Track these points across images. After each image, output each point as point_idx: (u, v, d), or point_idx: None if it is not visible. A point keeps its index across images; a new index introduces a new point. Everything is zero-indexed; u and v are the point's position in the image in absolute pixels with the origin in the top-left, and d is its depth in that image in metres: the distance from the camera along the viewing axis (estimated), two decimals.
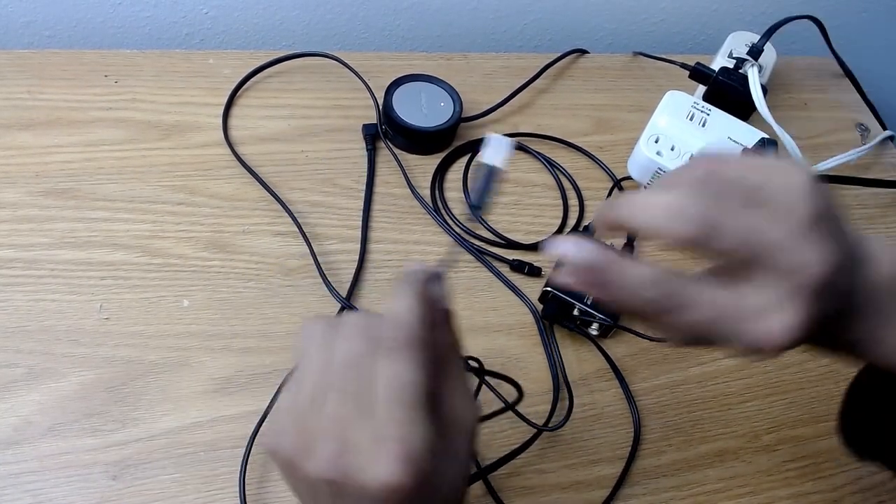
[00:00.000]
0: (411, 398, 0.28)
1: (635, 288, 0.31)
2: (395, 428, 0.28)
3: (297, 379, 0.31)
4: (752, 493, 0.54)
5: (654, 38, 0.90)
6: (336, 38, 0.82)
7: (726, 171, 0.32)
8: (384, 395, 0.28)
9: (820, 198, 0.31)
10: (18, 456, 0.47)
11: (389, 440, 0.27)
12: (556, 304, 0.58)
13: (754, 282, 0.30)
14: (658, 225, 0.30)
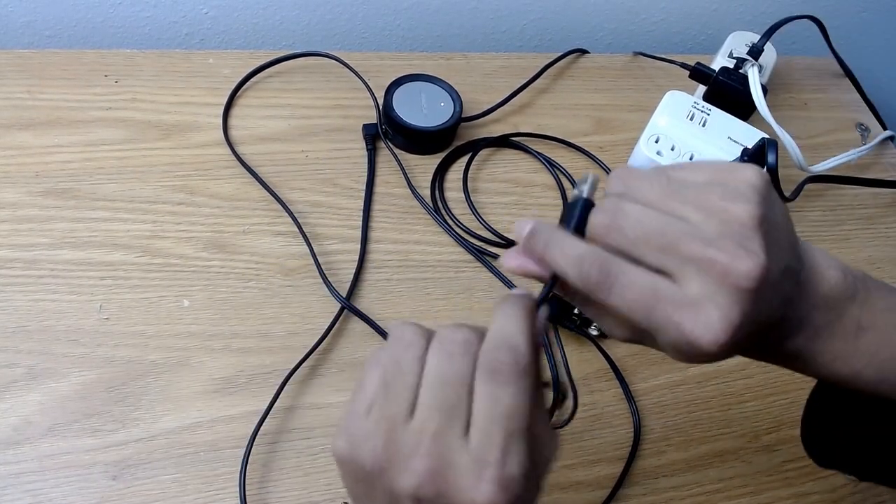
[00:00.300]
0: (515, 425, 0.28)
1: (573, 259, 0.31)
2: (497, 453, 0.28)
3: (383, 386, 0.30)
4: (752, 493, 0.54)
5: (654, 38, 0.90)
6: (336, 38, 0.82)
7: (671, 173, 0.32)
8: (487, 418, 0.28)
9: (765, 202, 0.30)
10: (18, 456, 0.47)
11: (491, 465, 0.28)
12: (556, 304, 0.58)
13: (692, 278, 0.29)
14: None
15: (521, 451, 0.28)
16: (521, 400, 0.29)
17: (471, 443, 0.28)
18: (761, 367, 0.60)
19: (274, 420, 0.51)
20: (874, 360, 0.34)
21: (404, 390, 0.30)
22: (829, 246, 0.70)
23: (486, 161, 0.69)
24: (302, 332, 0.55)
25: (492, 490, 0.27)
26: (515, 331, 0.30)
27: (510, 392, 0.29)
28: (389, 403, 0.30)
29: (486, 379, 0.29)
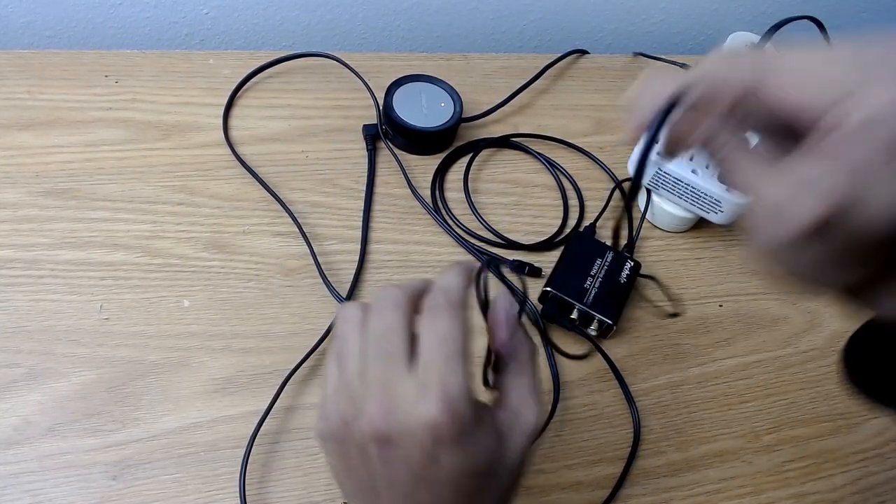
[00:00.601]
0: (452, 348, 0.31)
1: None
2: (436, 375, 0.30)
3: (338, 362, 0.33)
4: (752, 494, 0.54)
5: (654, 39, 0.90)
6: (336, 39, 0.82)
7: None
8: (427, 348, 0.31)
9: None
10: (18, 456, 0.47)
11: (432, 385, 0.30)
12: (555, 304, 0.58)
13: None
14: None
15: (459, 371, 0.30)
16: (455, 327, 0.31)
17: (416, 372, 0.30)
18: (761, 367, 0.61)
19: (274, 420, 0.51)
20: None
21: (353, 357, 0.32)
22: None
23: (487, 161, 0.69)
24: (302, 332, 0.55)
25: (435, 407, 0.29)
26: (449, 278, 0.33)
27: (444, 321, 0.31)
28: (343, 372, 0.32)
29: (425, 318, 0.32)
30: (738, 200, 0.61)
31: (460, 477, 0.31)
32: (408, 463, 0.31)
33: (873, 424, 0.60)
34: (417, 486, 0.31)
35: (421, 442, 0.30)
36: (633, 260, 0.60)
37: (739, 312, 0.64)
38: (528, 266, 0.61)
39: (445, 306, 0.32)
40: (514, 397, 0.34)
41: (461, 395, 0.30)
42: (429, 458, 0.30)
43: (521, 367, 0.35)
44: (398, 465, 0.31)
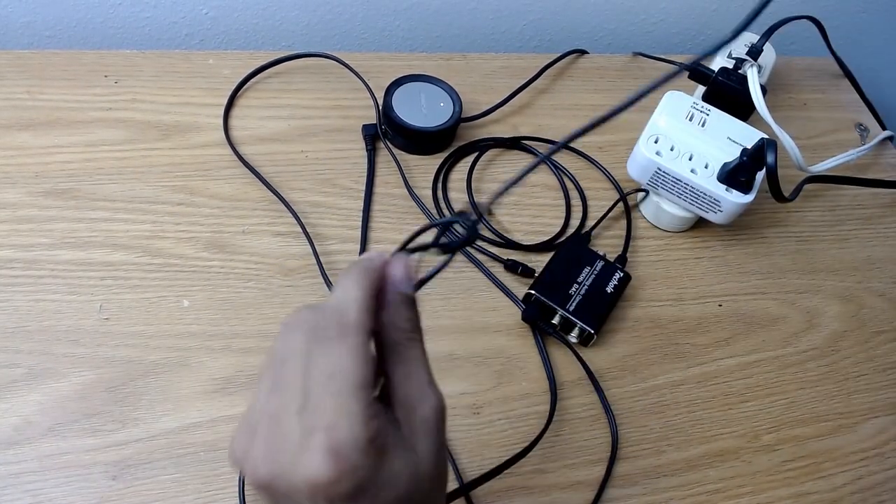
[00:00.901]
0: (342, 386, 0.26)
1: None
2: (323, 418, 0.26)
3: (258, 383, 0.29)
4: (752, 493, 0.54)
5: (654, 38, 0.90)
6: (336, 38, 0.82)
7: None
8: (316, 384, 0.26)
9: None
10: (18, 456, 0.47)
11: (318, 431, 0.25)
12: (536, 308, 0.58)
13: None
14: None
15: (355, 414, 0.26)
16: (347, 360, 0.27)
17: (303, 413, 0.26)
18: (761, 367, 0.61)
19: None
20: None
21: (261, 382, 0.28)
22: (829, 246, 0.70)
23: (487, 161, 0.69)
24: None
25: (320, 460, 0.25)
26: (343, 294, 0.29)
27: (333, 352, 0.27)
28: (254, 395, 0.29)
29: (312, 345, 0.27)
30: (738, 200, 0.61)
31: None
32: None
33: (873, 424, 0.60)
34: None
35: (309, 500, 0.26)
36: (622, 271, 0.60)
37: (739, 312, 0.64)
38: (522, 266, 0.61)
39: (335, 333, 0.27)
40: (404, 388, 0.30)
41: (353, 444, 0.26)
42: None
43: (410, 351, 0.30)
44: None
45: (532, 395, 0.56)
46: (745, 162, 0.60)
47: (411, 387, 0.30)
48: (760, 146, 0.59)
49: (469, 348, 0.57)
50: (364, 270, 0.30)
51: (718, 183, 0.62)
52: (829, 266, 0.69)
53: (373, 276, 0.30)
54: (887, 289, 0.68)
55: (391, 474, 0.27)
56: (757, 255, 0.68)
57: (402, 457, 0.28)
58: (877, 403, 0.61)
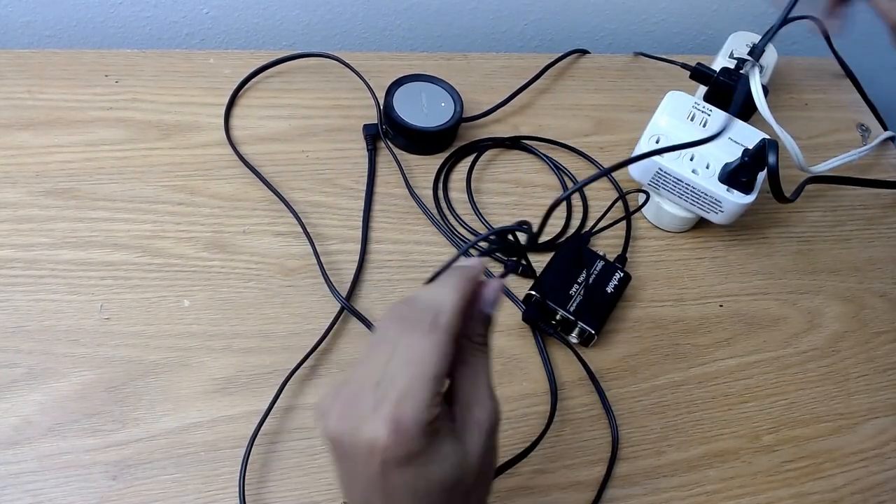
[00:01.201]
0: (420, 372, 0.30)
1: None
2: (395, 393, 0.29)
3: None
4: (752, 494, 0.54)
5: (655, 38, 0.90)
6: (336, 38, 0.82)
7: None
8: (397, 363, 0.30)
9: None
10: (18, 456, 0.47)
11: (387, 403, 0.29)
12: (536, 308, 0.58)
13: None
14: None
15: (421, 397, 0.30)
16: (431, 351, 0.30)
17: (378, 387, 0.30)
18: (761, 367, 0.61)
19: (274, 420, 0.51)
20: None
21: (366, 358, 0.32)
22: (830, 246, 0.70)
23: (487, 161, 0.69)
24: (302, 332, 0.55)
25: (382, 426, 0.29)
26: (443, 293, 0.32)
27: (422, 343, 0.31)
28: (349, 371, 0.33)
29: (405, 330, 0.31)
30: (740, 201, 0.61)
31: (416, 492, 0.30)
32: (357, 471, 0.30)
33: (873, 424, 0.60)
34: (373, 495, 0.31)
35: (366, 457, 0.30)
36: (622, 271, 0.60)
37: (739, 312, 0.64)
38: (522, 266, 0.61)
39: (427, 328, 0.31)
40: (466, 391, 0.33)
41: (413, 421, 0.29)
42: (377, 473, 0.30)
43: (478, 360, 0.34)
44: (350, 471, 0.31)
45: (532, 395, 0.56)
46: (747, 162, 0.60)
47: (473, 391, 0.33)
48: (762, 146, 0.59)
49: None
50: (466, 279, 0.34)
51: (719, 183, 0.61)
52: (830, 266, 0.69)
53: (471, 286, 0.34)
54: (888, 289, 0.68)
55: (439, 456, 0.31)
56: (758, 255, 0.68)
57: (452, 445, 0.31)
58: (877, 404, 0.61)
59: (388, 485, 0.30)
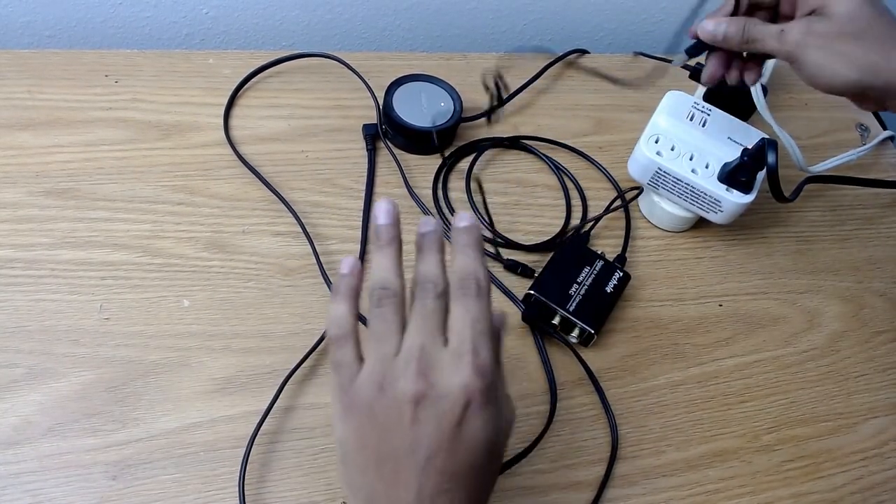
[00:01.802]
0: (482, 327, 0.35)
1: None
2: (470, 346, 0.34)
3: (376, 339, 0.36)
4: (752, 493, 0.54)
5: (654, 38, 0.90)
6: (336, 38, 0.82)
7: None
8: (460, 325, 0.35)
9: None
10: (18, 456, 0.47)
11: (466, 354, 0.34)
12: (536, 308, 0.58)
13: None
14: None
15: (488, 345, 0.34)
16: (484, 309, 0.35)
17: (450, 346, 0.34)
18: (761, 366, 0.61)
19: (274, 420, 0.51)
20: None
21: (392, 334, 0.35)
22: (829, 246, 0.70)
23: (487, 161, 0.69)
24: (302, 332, 0.55)
25: (469, 372, 0.33)
26: (474, 263, 0.37)
27: (476, 304, 0.35)
28: (382, 346, 0.35)
29: (458, 300, 0.35)
30: (739, 200, 0.61)
31: (479, 444, 0.34)
32: (438, 423, 0.33)
33: (873, 424, 0.60)
34: (440, 450, 0.33)
35: (454, 402, 0.33)
36: (622, 271, 0.60)
37: (739, 312, 0.64)
38: (522, 266, 0.61)
39: (476, 293, 0.35)
40: (498, 373, 0.36)
41: (490, 365, 0.34)
42: (458, 420, 0.33)
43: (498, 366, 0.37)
44: (428, 425, 0.33)
45: (532, 395, 0.56)
46: (746, 162, 0.60)
47: (502, 393, 0.36)
48: (761, 146, 0.59)
49: None
50: (480, 244, 0.38)
51: (719, 183, 0.61)
52: (829, 266, 0.69)
53: (482, 247, 0.38)
54: (888, 289, 0.68)
55: (504, 411, 0.36)
56: (757, 255, 0.68)
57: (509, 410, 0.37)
58: (877, 404, 0.61)
59: (463, 432, 0.33)
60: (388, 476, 0.33)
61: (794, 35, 0.48)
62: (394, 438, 0.33)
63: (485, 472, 0.35)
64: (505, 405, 0.36)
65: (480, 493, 0.35)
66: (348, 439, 0.35)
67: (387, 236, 0.39)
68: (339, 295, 0.38)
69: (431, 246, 0.39)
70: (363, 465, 0.34)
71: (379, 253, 0.39)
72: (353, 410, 0.35)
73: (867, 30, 0.47)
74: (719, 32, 0.51)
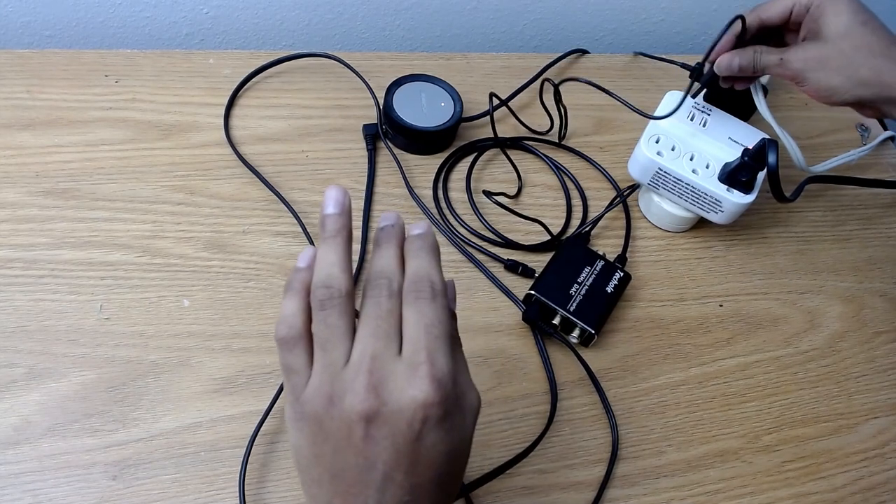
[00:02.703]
0: (438, 332, 0.32)
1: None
2: (426, 355, 0.31)
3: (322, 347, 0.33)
4: (752, 494, 0.54)
5: (654, 39, 0.90)
6: (336, 38, 0.82)
7: None
8: (414, 331, 0.32)
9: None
10: (18, 456, 0.47)
11: (422, 365, 0.31)
12: (537, 309, 0.58)
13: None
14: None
15: (446, 352, 0.32)
16: (440, 313, 0.32)
17: (404, 355, 0.32)
18: (761, 366, 0.61)
19: (274, 420, 0.51)
20: None
21: (339, 340, 0.32)
22: (830, 246, 0.70)
23: (487, 161, 0.69)
24: None
25: (426, 384, 0.31)
26: (428, 265, 0.34)
27: (431, 308, 0.32)
28: (328, 354, 0.32)
29: (411, 304, 0.33)
30: (740, 201, 0.61)
31: (440, 456, 0.32)
32: (393, 441, 0.31)
33: (873, 424, 0.60)
34: (398, 467, 0.31)
35: (410, 419, 0.31)
36: (622, 271, 0.60)
37: (739, 312, 0.64)
38: (522, 266, 0.61)
39: (430, 295, 0.33)
40: (456, 378, 0.34)
41: (448, 375, 0.31)
42: (415, 436, 0.31)
43: (458, 352, 0.35)
44: (382, 444, 0.31)
45: (532, 395, 0.56)
46: (747, 162, 0.60)
47: (464, 380, 0.34)
48: (762, 146, 0.59)
49: (469, 348, 0.57)
50: (434, 246, 0.35)
51: (719, 183, 0.61)
52: (830, 266, 0.69)
53: (438, 251, 0.35)
54: (888, 289, 0.68)
55: (463, 420, 0.33)
56: (758, 255, 0.68)
57: (468, 402, 0.34)
58: (877, 404, 0.61)
59: (422, 447, 0.31)
60: (344, 491, 0.32)
61: (793, 64, 0.55)
62: (347, 455, 0.31)
63: (449, 477, 0.33)
64: (468, 397, 0.34)
65: (446, 498, 0.34)
66: (302, 448, 0.33)
67: (333, 227, 0.35)
68: (290, 291, 0.35)
69: (391, 240, 0.35)
70: (318, 478, 0.33)
71: (323, 245, 0.35)
72: (304, 421, 0.33)
73: (860, 47, 0.53)
74: (734, 66, 0.57)
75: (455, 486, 0.34)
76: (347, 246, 0.35)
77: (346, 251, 0.34)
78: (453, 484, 0.34)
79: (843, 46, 0.53)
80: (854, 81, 0.53)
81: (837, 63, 0.53)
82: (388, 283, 0.33)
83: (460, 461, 0.34)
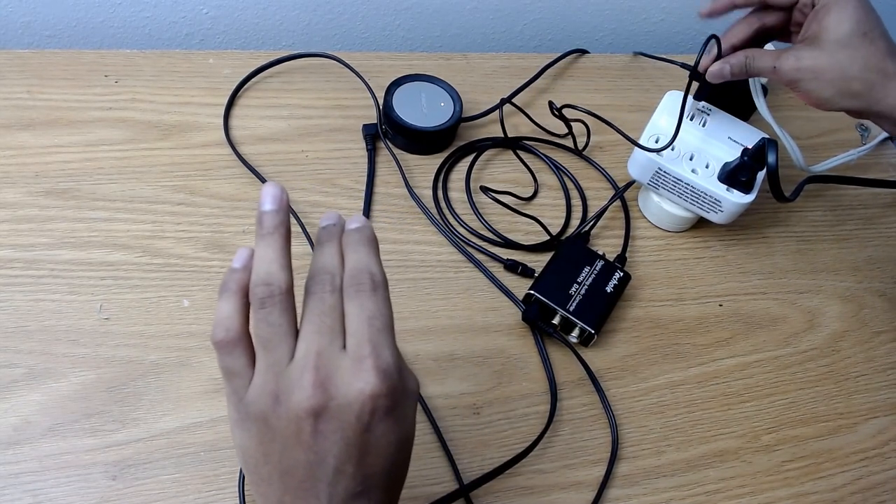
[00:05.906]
0: (381, 324, 0.32)
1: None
2: (370, 348, 0.31)
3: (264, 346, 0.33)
4: (751, 493, 0.54)
5: (654, 39, 0.90)
6: (336, 38, 0.82)
7: None
8: (357, 325, 0.32)
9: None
10: (18, 456, 0.47)
11: (367, 358, 0.31)
12: (536, 308, 0.58)
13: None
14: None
15: (389, 343, 0.32)
16: (381, 305, 0.33)
17: (348, 348, 0.32)
18: (761, 366, 0.61)
19: None
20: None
21: (281, 339, 0.32)
22: (829, 246, 0.70)
23: (487, 161, 0.69)
24: None
25: (372, 376, 0.31)
26: (367, 258, 0.34)
27: (372, 300, 0.33)
28: (271, 353, 0.32)
29: (352, 297, 0.33)
30: (739, 200, 0.61)
31: (390, 446, 0.32)
32: (343, 435, 0.31)
33: (873, 424, 0.60)
34: (349, 459, 0.31)
35: (358, 412, 0.31)
36: (622, 270, 0.60)
37: (739, 312, 0.64)
38: (522, 266, 0.61)
39: (371, 287, 0.33)
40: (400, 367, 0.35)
41: (393, 367, 0.32)
42: (364, 428, 0.31)
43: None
44: (332, 439, 0.31)
45: (532, 395, 0.56)
46: (746, 162, 0.60)
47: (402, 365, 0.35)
48: (761, 146, 0.59)
49: (469, 348, 0.57)
50: (371, 239, 0.35)
51: (719, 183, 0.61)
52: (829, 266, 0.69)
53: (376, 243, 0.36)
54: (888, 289, 0.68)
55: (407, 374, 0.34)
56: (757, 255, 0.68)
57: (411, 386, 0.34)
58: (877, 404, 0.61)
59: (372, 438, 0.32)
60: (295, 487, 0.32)
61: (787, 74, 0.54)
62: (296, 452, 0.31)
63: (399, 464, 0.34)
64: (409, 384, 0.34)
65: (396, 484, 0.34)
66: (249, 448, 0.33)
67: (271, 223, 0.34)
68: (226, 292, 0.34)
69: (331, 239, 0.35)
70: (267, 476, 0.33)
71: (261, 243, 0.34)
72: (250, 422, 0.32)
73: (855, 59, 0.52)
74: (726, 73, 0.57)
75: (403, 473, 0.35)
76: (286, 243, 0.34)
77: (284, 248, 0.34)
78: (402, 470, 0.35)
79: (839, 57, 0.53)
80: (844, 94, 0.53)
81: (831, 75, 0.53)
82: (331, 279, 0.33)
83: (408, 448, 0.35)
